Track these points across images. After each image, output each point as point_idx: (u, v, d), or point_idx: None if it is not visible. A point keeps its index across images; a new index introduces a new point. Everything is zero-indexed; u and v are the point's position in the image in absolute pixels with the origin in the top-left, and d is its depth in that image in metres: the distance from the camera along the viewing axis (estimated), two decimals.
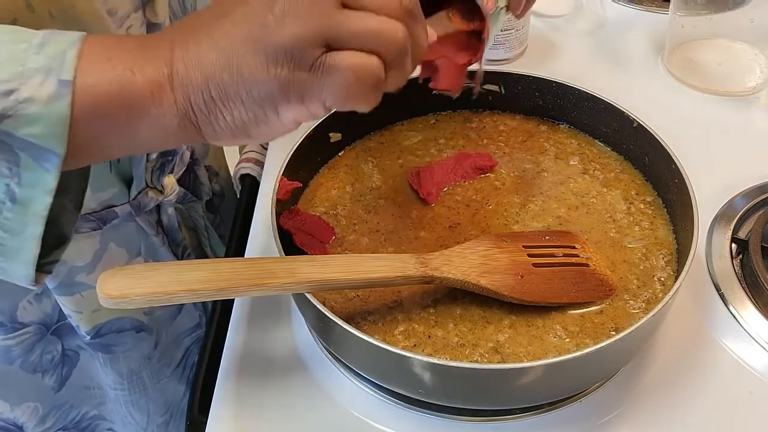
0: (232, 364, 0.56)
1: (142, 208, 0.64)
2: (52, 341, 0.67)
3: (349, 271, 0.48)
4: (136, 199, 0.63)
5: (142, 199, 0.63)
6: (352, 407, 0.53)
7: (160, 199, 0.66)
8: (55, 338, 0.67)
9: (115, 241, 0.64)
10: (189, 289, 0.43)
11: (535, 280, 0.52)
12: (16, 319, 0.63)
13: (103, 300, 0.42)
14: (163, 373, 0.75)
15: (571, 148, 0.65)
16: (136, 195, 0.63)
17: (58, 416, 0.72)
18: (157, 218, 0.68)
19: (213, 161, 0.82)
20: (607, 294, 0.52)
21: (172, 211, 0.69)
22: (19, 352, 0.65)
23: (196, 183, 0.74)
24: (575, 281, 0.52)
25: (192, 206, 0.75)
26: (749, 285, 0.58)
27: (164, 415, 0.78)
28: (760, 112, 0.78)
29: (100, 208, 0.61)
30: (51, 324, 0.66)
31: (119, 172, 0.61)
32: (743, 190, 0.66)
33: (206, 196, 0.76)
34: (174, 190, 0.67)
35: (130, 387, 0.73)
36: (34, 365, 0.67)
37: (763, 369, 0.54)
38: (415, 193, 0.61)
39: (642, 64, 0.84)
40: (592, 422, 0.51)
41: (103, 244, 0.63)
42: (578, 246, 0.55)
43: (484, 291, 0.50)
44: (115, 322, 0.67)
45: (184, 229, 0.73)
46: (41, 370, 0.68)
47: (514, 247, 0.53)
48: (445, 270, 0.50)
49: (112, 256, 0.64)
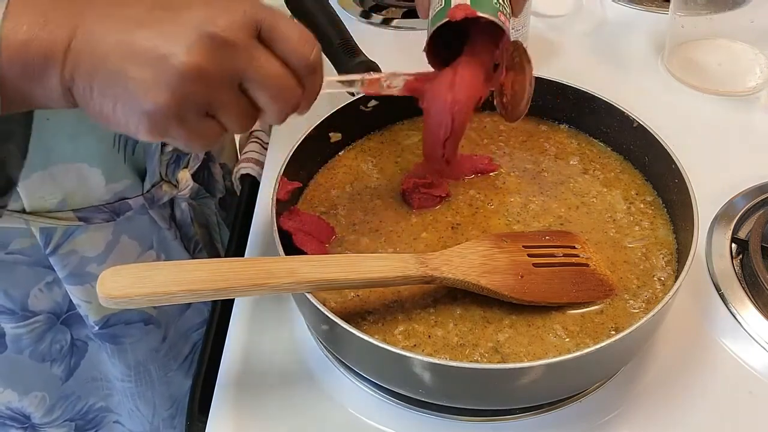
0: (233, 364, 0.56)
1: (156, 201, 0.65)
2: (61, 330, 0.68)
3: (348, 271, 0.48)
4: (150, 192, 0.64)
5: (156, 192, 0.64)
6: (352, 407, 0.53)
7: (174, 193, 0.67)
8: (65, 328, 0.68)
9: (127, 234, 0.65)
10: (189, 289, 0.43)
11: (535, 280, 0.52)
12: (27, 308, 0.64)
13: (103, 299, 0.43)
14: (170, 366, 0.75)
15: (571, 148, 0.65)
16: (150, 188, 0.64)
17: (66, 407, 0.73)
18: (170, 212, 0.69)
19: (227, 159, 0.82)
20: (607, 294, 0.52)
21: (186, 206, 0.70)
22: (29, 341, 0.66)
23: (210, 179, 0.75)
24: (575, 281, 0.52)
25: (205, 202, 0.75)
26: (749, 285, 0.58)
27: (170, 409, 0.78)
28: (760, 112, 0.78)
29: (114, 199, 0.62)
30: (61, 313, 0.67)
31: (133, 163, 0.62)
32: (743, 190, 0.66)
33: (219, 194, 0.77)
34: (188, 184, 0.68)
35: (137, 379, 0.73)
36: (43, 354, 0.68)
37: (763, 369, 0.54)
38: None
39: (642, 64, 0.84)
40: (592, 422, 0.51)
41: (115, 235, 0.64)
42: (578, 246, 0.55)
43: (484, 291, 0.50)
44: (124, 313, 0.68)
45: (196, 225, 0.73)
46: (50, 360, 0.68)
47: (514, 247, 0.53)
48: (445, 270, 0.50)
49: (123, 248, 0.65)
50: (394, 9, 0.96)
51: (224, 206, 0.80)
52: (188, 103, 0.39)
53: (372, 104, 0.65)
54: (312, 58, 0.42)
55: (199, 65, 0.38)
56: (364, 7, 0.97)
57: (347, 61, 0.69)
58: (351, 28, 0.72)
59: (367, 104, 0.65)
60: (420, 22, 0.93)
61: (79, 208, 0.60)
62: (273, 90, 0.41)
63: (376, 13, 0.96)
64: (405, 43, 0.90)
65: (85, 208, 0.60)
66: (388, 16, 0.95)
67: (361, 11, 0.96)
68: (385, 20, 0.94)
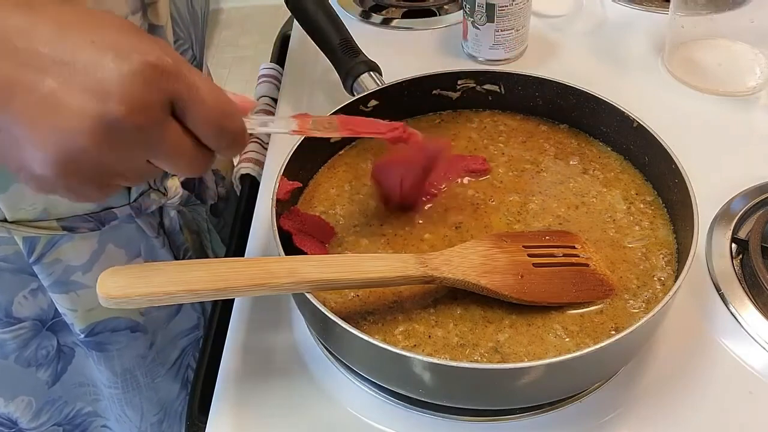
0: (232, 364, 0.56)
1: (144, 210, 0.63)
2: (47, 337, 0.67)
3: (349, 270, 0.48)
4: (137, 201, 0.62)
5: (143, 201, 0.63)
6: (352, 407, 0.53)
7: (163, 202, 0.65)
8: (51, 334, 0.67)
9: (113, 242, 0.64)
10: (189, 289, 0.43)
11: (536, 279, 0.52)
12: (11, 314, 0.63)
13: (103, 300, 0.42)
14: (157, 372, 0.74)
15: (571, 147, 0.65)
16: (137, 197, 0.62)
17: (52, 412, 0.72)
18: (159, 220, 0.67)
19: (220, 165, 0.81)
20: (607, 294, 0.52)
21: (175, 214, 0.69)
22: (14, 346, 0.65)
23: (202, 187, 0.74)
24: (575, 281, 0.52)
25: (195, 209, 0.74)
26: (749, 285, 0.58)
27: (158, 414, 0.77)
28: (760, 112, 0.77)
29: (99, 209, 0.60)
30: (47, 320, 0.66)
31: None
32: (743, 190, 0.66)
33: (211, 201, 0.76)
34: (177, 193, 0.66)
35: (123, 385, 0.73)
36: (29, 360, 0.67)
37: (763, 369, 0.54)
38: None
39: (642, 64, 0.84)
40: (592, 422, 0.51)
41: (101, 244, 0.63)
42: (578, 246, 0.55)
43: (485, 291, 0.50)
44: (110, 321, 0.67)
45: (186, 232, 0.73)
46: (36, 365, 0.68)
47: (514, 247, 0.53)
48: (445, 270, 0.50)
49: (110, 257, 0.64)
50: (394, 9, 0.96)
51: (216, 213, 0.79)
52: (80, 174, 0.36)
53: (372, 104, 0.65)
54: (232, 131, 0.39)
55: (98, 151, 0.35)
56: (364, 7, 0.97)
57: (347, 61, 0.69)
58: (351, 28, 0.72)
59: (367, 104, 0.65)
60: (420, 22, 0.93)
61: (63, 217, 0.59)
62: (181, 164, 0.38)
63: (376, 13, 0.96)
64: (405, 43, 0.90)
65: (70, 217, 0.59)
66: (388, 16, 0.95)
67: (361, 11, 0.96)
68: (385, 20, 0.94)
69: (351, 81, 0.68)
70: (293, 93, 0.83)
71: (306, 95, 0.83)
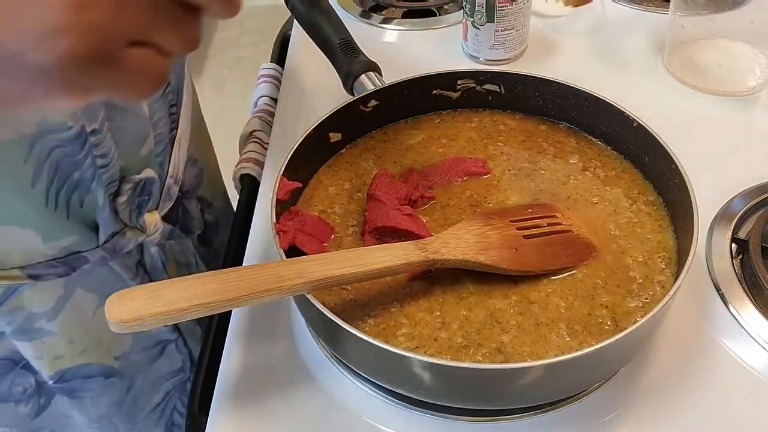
0: (232, 364, 0.56)
1: (118, 250, 0.59)
2: (22, 374, 0.63)
3: (354, 264, 0.48)
4: (110, 242, 0.58)
5: (118, 241, 0.59)
6: (352, 407, 0.53)
7: (141, 240, 0.61)
8: (26, 372, 0.63)
9: (83, 286, 0.60)
10: (201, 303, 0.42)
11: (529, 250, 0.54)
12: None
13: (114, 326, 0.40)
14: (136, 417, 0.70)
15: (571, 147, 0.65)
16: (109, 239, 0.58)
17: None
18: (138, 258, 0.63)
19: (207, 191, 0.77)
20: (592, 254, 0.55)
21: (156, 251, 0.64)
22: None
23: (186, 217, 0.70)
24: (564, 246, 0.55)
25: (182, 242, 0.70)
26: (749, 285, 0.58)
27: None
28: (760, 112, 0.77)
29: (64, 254, 0.56)
30: (19, 360, 0.62)
31: (80, 218, 0.56)
32: (743, 190, 0.66)
33: (197, 230, 0.72)
34: (158, 228, 0.62)
35: (101, 430, 0.69)
36: (4, 395, 0.64)
37: (763, 369, 0.54)
38: None
39: (642, 64, 0.84)
40: (592, 422, 0.51)
41: (68, 290, 0.59)
42: (559, 215, 0.58)
43: (485, 267, 0.52)
44: (81, 368, 0.63)
45: (172, 266, 0.68)
46: (13, 400, 0.64)
47: (502, 222, 0.56)
48: (445, 252, 0.51)
49: (79, 302, 0.60)
50: (394, 9, 0.96)
51: (204, 242, 0.75)
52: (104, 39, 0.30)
53: (372, 104, 0.65)
54: None
55: None
56: (364, 7, 0.97)
57: (347, 61, 0.69)
58: (351, 28, 0.72)
59: (367, 104, 0.65)
60: (420, 22, 0.93)
61: (23, 265, 0.55)
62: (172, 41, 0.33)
63: (376, 13, 0.96)
64: (405, 43, 0.90)
65: (33, 264, 0.55)
66: (388, 16, 0.95)
67: (361, 11, 0.96)
68: (385, 20, 0.94)
69: (351, 81, 0.68)
70: (293, 93, 0.83)
71: (306, 95, 0.83)
